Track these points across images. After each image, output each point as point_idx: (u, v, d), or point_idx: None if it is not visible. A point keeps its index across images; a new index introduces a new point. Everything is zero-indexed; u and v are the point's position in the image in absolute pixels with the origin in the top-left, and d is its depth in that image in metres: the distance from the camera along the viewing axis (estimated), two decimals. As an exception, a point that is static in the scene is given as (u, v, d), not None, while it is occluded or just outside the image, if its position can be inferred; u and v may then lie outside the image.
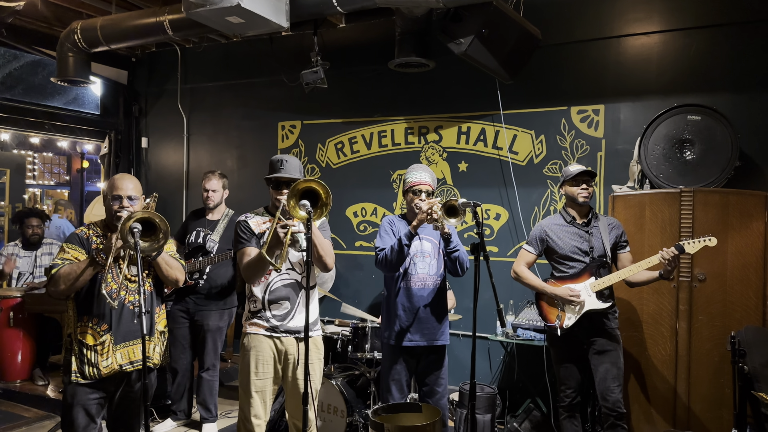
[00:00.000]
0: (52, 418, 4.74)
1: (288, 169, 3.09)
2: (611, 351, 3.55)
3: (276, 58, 5.70)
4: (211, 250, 4.46)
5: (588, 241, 3.62)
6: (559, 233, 3.67)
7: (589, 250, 3.60)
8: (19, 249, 5.67)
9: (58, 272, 2.75)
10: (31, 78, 6.09)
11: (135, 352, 2.89)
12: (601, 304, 3.53)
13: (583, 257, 3.60)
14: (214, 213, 4.59)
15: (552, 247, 3.69)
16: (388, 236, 3.52)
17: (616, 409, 3.49)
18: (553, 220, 3.76)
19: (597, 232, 3.64)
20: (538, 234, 3.74)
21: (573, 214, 3.69)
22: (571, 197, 3.66)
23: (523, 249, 3.80)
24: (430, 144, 5.34)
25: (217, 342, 4.53)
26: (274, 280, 3.09)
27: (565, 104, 4.81)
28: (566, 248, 3.63)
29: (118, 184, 2.89)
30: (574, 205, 3.67)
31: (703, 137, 4.05)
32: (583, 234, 3.64)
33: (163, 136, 6.77)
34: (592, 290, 3.54)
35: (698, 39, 4.41)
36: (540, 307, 3.75)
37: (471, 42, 4.07)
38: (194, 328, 4.51)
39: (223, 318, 4.56)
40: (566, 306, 3.59)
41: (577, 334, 3.59)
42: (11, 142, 9.22)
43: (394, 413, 3.02)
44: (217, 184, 4.56)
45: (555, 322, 3.61)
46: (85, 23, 5.17)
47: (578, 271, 3.60)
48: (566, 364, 3.67)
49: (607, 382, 3.51)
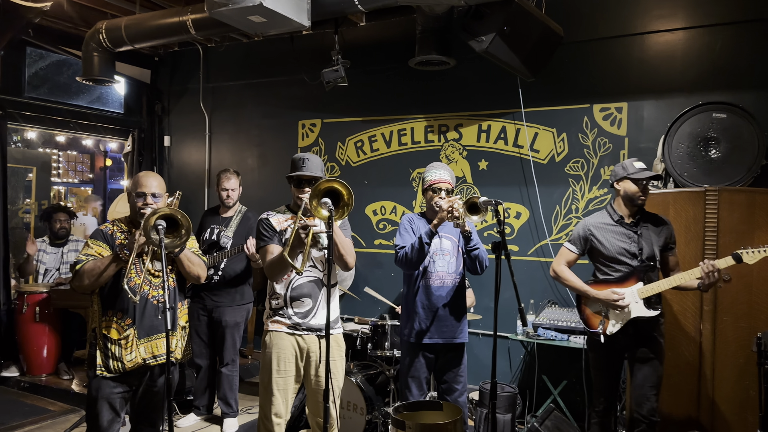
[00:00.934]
0: (77, 412, 4.81)
1: (309, 167, 3.10)
2: (654, 359, 3.36)
3: (296, 57, 5.73)
4: (225, 246, 4.49)
5: (637, 242, 3.37)
6: (606, 233, 3.43)
7: (637, 252, 3.36)
8: (46, 245, 5.77)
9: (82, 267, 2.79)
10: (57, 77, 6.19)
11: (158, 346, 2.92)
12: (650, 312, 3.31)
13: (631, 260, 3.36)
14: (228, 210, 4.64)
15: (597, 248, 3.45)
16: (408, 234, 3.52)
17: (650, 418, 3.34)
18: (599, 218, 3.51)
19: (646, 232, 3.40)
20: (582, 232, 3.50)
21: (621, 213, 3.45)
22: (628, 196, 3.39)
23: (564, 247, 3.58)
24: (450, 142, 5.32)
25: (236, 337, 4.57)
26: (296, 278, 3.10)
27: (587, 102, 4.76)
28: (612, 250, 3.39)
29: (143, 182, 2.93)
30: (629, 204, 3.41)
31: (728, 135, 3.99)
32: (631, 235, 3.39)
33: (186, 135, 6.85)
34: (640, 296, 3.31)
35: (723, 36, 4.34)
36: (582, 311, 3.53)
37: (492, 39, 4.05)
38: (212, 324, 4.55)
39: (240, 313, 4.59)
40: (610, 311, 3.38)
41: (620, 341, 3.39)
42: (37, 141, 9.38)
43: (415, 411, 3.02)
44: (235, 183, 4.62)
45: (598, 327, 3.40)
46: (110, 23, 5.24)
47: (624, 274, 3.37)
48: (605, 372, 3.49)
49: (644, 390, 3.35)
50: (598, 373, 3.54)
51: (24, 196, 8.53)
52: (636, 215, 3.45)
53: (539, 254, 4.94)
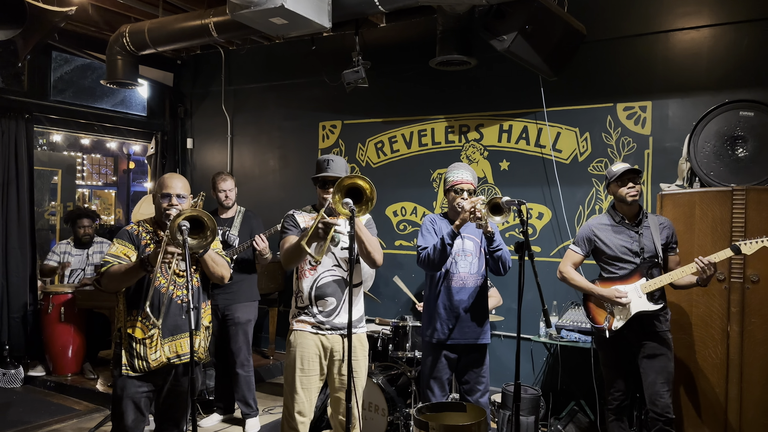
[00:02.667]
0: (102, 411, 4.87)
1: (334, 168, 3.14)
2: (662, 355, 3.44)
3: (317, 58, 5.75)
4: (232, 243, 4.51)
5: (638, 241, 3.49)
6: (608, 234, 3.56)
7: (639, 251, 3.48)
8: (71, 247, 5.86)
9: (108, 270, 2.83)
10: (81, 81, 6.29)
11: (182, 345, 2.95)
12: (652, 306, 3.41)
13: (634, 258, 3.49)
14: (227, 212, 4.66)
15: (600, 248, 3.58)
16: (430, 235, 3.50)
17: (665, 415, 3.38)
18: (601, 219, 3.65)
19: (647, 232, 3.51)
20: (585, 234, 3.64)
21: (622, 214, 3.57)
22: (619, 198, 3.52)
23: (570, 249, 3.71)
24: (471, 143, 5.30)
25: (248, 336, 4.55)
26: (321, 276, 3.12)
27: (610, 101, 4.71)
28: (615, 249, 3.52)
29: (168, 183, 2.96)
30: (623, 205, 3.54)
31: (756, 134, 3.91)
32: (632, 234, 3.52)
33: (208, 137, 6.91)
34: (643, 291, 3.42)
35: (750, 33, 4.27)
36: (588, 309, 3.66)
37: (514, 38, 4.03)
38: (224, 324, 4.55)
39: (251, 310, 4.59)
40: (615, 308, 3.49)
41: (627, 336, 3.49)
42: (62, 144, 9.54)
43: (438, 412, 3.00)
44: (231, 184, 4.65)
45: (603, 324, 3.52)
46: (133, 27, 5.31)
47: (628, 272, 3.49)
48: (615, 367, 3.59)
49: (656, 387, 3.41)
50: (608, 370, 3.63)
51: (50, 198, 8.68)
52: (637, 216, 3.55)
53: (562, 255, 4.87)
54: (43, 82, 5.92)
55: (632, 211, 3.55)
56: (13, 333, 5.58)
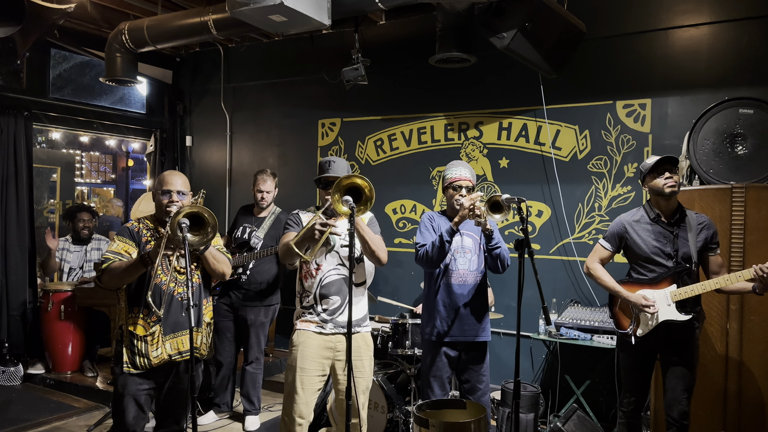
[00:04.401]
0: (101, 409, 4.87)
1: (335, 169, 3.15)
2: (686, 363, 3.28)
3: (317, 56, 5.74)
4: (255, 246, 4.52)
5: (673, 242, 3.25)
6: (641, 231, 3.32)
7: (673, 253, 3.24)
8: (70, 244, 5.85)
9: (108, 267, 2.82)
10: (80, 78, 6.28)
11: (184, 342, 2.95)
12: (681, 317, 3.19)
13: (666, 261, 3.25)
14: (262, 211, 4.66)
15: (631, 247, 3.35)
16: (428, 232, 3.50)
17: (681, 421, 3.27)
18: (635, 215, 3.39)
19: (684, 233, 3.27)
20: (616, 230, 3.41)
21: (658, 211, 3.31)
22: (656, 191, 3.25)
23: (599, 244, 3.48)
24: (471, 140, 5.30)
25: (260, 336, 4.60)
26: (326, 275, 3.13)
27: (610, 98, 4.71)
28: (647, 249, 3.29)
29: (168, 180, 2.96)
30: (660, 199, 3.28)
31: (755, 131, 3.91)
32: (667, 234, 3.27)
33: (207, 135, 6.90)
34: (672, 299, 3.20)
35: (750, 30, 4.27)
36: (613, 311, 3.47)
37: (514, 36, 4.02)
38: (238, 323, 4.60)
39: (266, 314, 4.62)
40: (641, 314, 3.29)
41: (651, 343, 3.30)
42: (61, 141, 9.53)
43: (438, 409, 3.00)
44: (271, 185, 4.61)
45: (628, 329, 3.32)
46: (132, 24, 5.30)
47: (658, 276, 3.27)
48: (634, 373, 3.42)
49: (676, 393, 3.27)
50: (627, 373, 3.48)
51: (48, 196, 8.66)
52: (674, 214, 3.31)
53: (561, 253, 4.90)
54: (42, 80, 5.91)
55: (670, 207, 3.30)
56: (12, 330, 5.57)
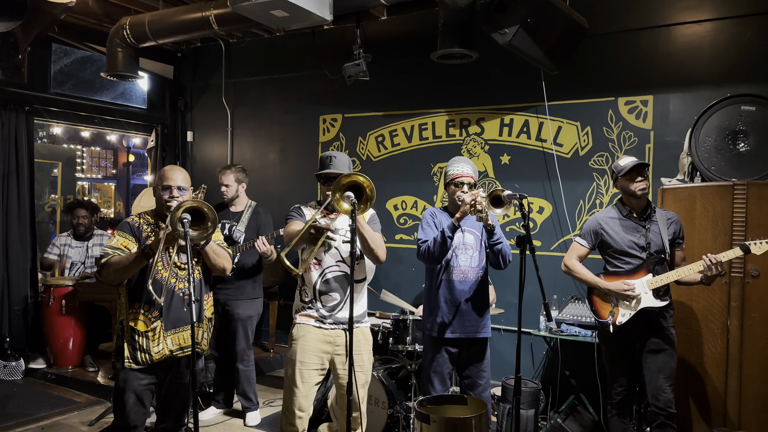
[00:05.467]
0: (102, 404, 4.88)
1: (337, 165, 3.13)
2: (665, 350, 3.43)
3: (318, 51, 5.73)
4: (238, 240, 4.49)
5: (645, 236, 3.46)
6: (615, 227, 3.52)
7: (646, 246, 3.44)
8: (71, 239, 5.85)
9: (108, 261, 2.82)
10: (81, 73, 6.27)
11: (185, 338, 2.95)
12: (658, 303, 3.39)
13: (640, 253, 3.45)
14: (236, 205, 4.63)
15: (606, 242, 3.54)
16: (430, 228, 3.50)
17: (667, 409, 3.38)
18: (609, 212, 3.61)
19: (655, 226, 3.48)
20: (592, 227, 3.60)
21: (630, 208, 3.53)
22: (628, 192, 3.49)
23: (575, 242, 3.67)
24: (472, 136, 5.29)
25: (248, 331, 4.54)
26: (326, 272, 3.12)
27: (612, 95, 4.70)
28: (622, 243, 3.48)
29: (169, 175, 2.96)
30: (632, 199, 3.50)
31: (757, 128, 3.91)
32: (640, 228, 3.48)
33: (208, 130, 6.90)
34: (649, 287, 3.39)
35: (752, 27, 4.26)
36: (592, 303, 3.62)
37: (516, 32, 4.01)
38: (225, 318, 4.55)
39: (253, 307, 4.57)
40: (620, 302, 3.46)
41: (631, 331, 3.47)
42: (63, 136, 9.53)
43: (439, 405, 3.01)
44: (231, 179, 4.58)
45: (608, 318, 3.49)
46: (134, 19, 5.29)
47: (634, 267, 3.46)
48: (617, 362, 3.56)
49: (659, 381, 3.40)
50: (611, 363, 3.60)
51: (50, 191, 8.67)
52: (645, 211, 3.51)
53: (562, 249, 4.90)
54: (43, 75, 5.91)
55: (641, 204, 3.52)
56: (13, 325, 5.58)
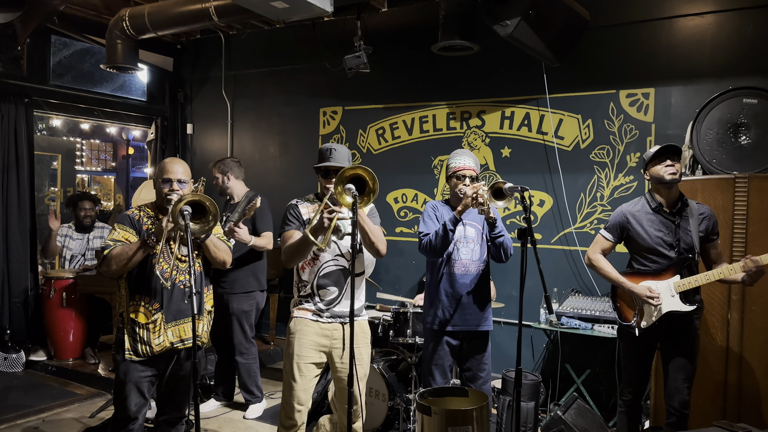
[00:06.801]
0: (103, 396, 4.89)
1: (337, 157, 3.09)
2: (687, 352, 3.28)
3: (318, 43, 5.71)
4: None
5: (674, 232, 3.24)
6: (643, 221, 3.29)
7: (675, 243, 3.23)
8: (72, 231, 5.85)
9: (110, 253, 2.82)
10: (81, 65, 6.24)
11: (185, 330, 2.95)
12: (686, 307, 3.20)
13: (668, 251, 3.24)
14: (234, 197, 4.62)
15: (633, 237, 3.32)
16: (431, 221, 3.50)
17: (681, 410, 3.27)
18: (637, 205, 3.37)
19: (686, 223, 3.24)
20: (618, 220, 3.38)
21: (660, 200, 3.28)
22: (657, 178, 3.23)
23: (600, 234, 3.45)
24: (473, 129, 5.28)
25: (244, 325, 4.51)
26: (323, 266, 3.10)
27: (613, 88, 4.69)
28: (650, 239, 3.26)
29: (169, 168, 2.95)
30: (662, 188, 3.26)
31: (759, 121, 3.89)
32: (669, 224, 3.25)
33: (208, 123, 6.88)
34: (676, 290, 3.20)
35: (755, 19, 4.24)
36: (616, 303, 3.45)
37: (517, 24, 3.99)
38: (222, 311, 4.50)
39: (248, 301, 4.52)
40: (645, 306, 3.28)
41: (653, 333, 3.30)
42: (62, 129, 9.50)
43: (440, 397, 3.01)
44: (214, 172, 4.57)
45: (632, 321, 3.31)
46: (133, 10, 5.27)
47: (661, 266, 3.26)
48: (635, 362, 3.43)
49: (677, 382, 3.27)
50: (629, 363, 3.48)
51: (49, 183, 8.66)
52: (676, 204, 3.28)
53: (563, 242, 4.90)
54: (43, 67, 5.89)
55: (671, 196, 3.27)
56: (14, 317, 5.59)
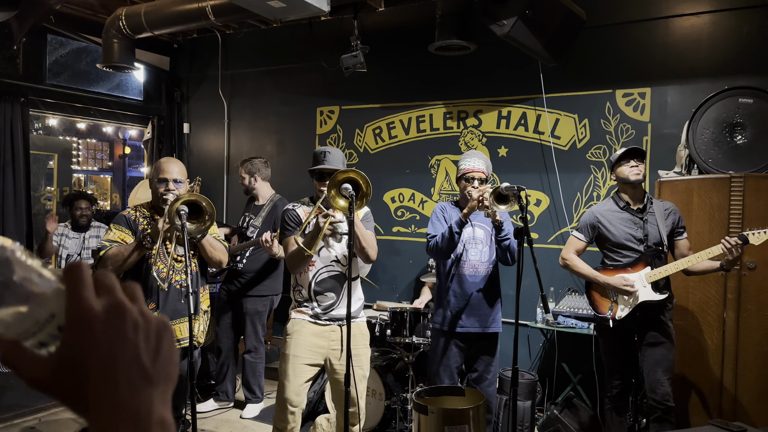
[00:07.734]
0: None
1: (331, 160, 3.10)
2: (663, 343, 3.41)
3: (315, 43, 5.71)
4: (250, 235, 4.51)
5: (643, 228, 3.44)
6: (612, 220, 3.50)
7: (643, 238, 3.42)
8: (69, 230, 5.83)
9: (105, 254, 2.82)
10: (77, 65, 6.22)
11: (181, 330, 2.95)
12: (657, 296, 3.37)
13: (638, 245, 3.43)
14: (260, 199, 4.68)
15: (604, 235, 3.51)
16: (439, 223, 3.51)
17: (665, 403, 3.36)
18: (605, 205, 3.59)
19: (652, 218, 3.46)
20: (589, 220, 3.57)
21: (626, 199, 3.51)
22: (622, 179, 3.47)
23: (573, 235, 3.65)
24: (469, 129, 5.28)
25: (257, 325, 4.60)
26: (320, 272, 3.10)
27: (610, 87, 4.70)
28: (620, 236, 3.46)
29: (165, 168, 2.95)
30: (627, 188, 3.49)
31: (755, 121, 3.90)
32: (637, 221, 3.46)
33: (204, 122, 6.87)
34: (648, 281, 3.37)
35: (750, 19, 4.25)
36: (591, 297, 3.60)
37: (514, 23, 4.00)
38: (236, 310, 4.61)
39: (263, 302, 4.60)
40: (619, 297, 3.44)
41: (629, 325, 3.45)
42: (58, 128, 9.47)
43: (436, 396, 3.02)
44: (241, 172, 4.70)
45: (607, 313, 3.47)
46: (130, 9, 5.25)
47: (632, 260, 3.44)
48: (615, 356, 3.56)
49: (657, 375, 3.38)
50: (609, 357, 3.60)
51: (45, 183, 8.62)
52: (642, 201, 3.49)
53: (559, 242, 4.90)
54: (39, 66, 5.86)
55: (637, 195, 3.50)
56: (10, 317, 5.57)
